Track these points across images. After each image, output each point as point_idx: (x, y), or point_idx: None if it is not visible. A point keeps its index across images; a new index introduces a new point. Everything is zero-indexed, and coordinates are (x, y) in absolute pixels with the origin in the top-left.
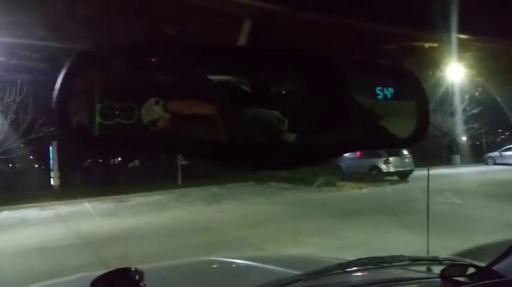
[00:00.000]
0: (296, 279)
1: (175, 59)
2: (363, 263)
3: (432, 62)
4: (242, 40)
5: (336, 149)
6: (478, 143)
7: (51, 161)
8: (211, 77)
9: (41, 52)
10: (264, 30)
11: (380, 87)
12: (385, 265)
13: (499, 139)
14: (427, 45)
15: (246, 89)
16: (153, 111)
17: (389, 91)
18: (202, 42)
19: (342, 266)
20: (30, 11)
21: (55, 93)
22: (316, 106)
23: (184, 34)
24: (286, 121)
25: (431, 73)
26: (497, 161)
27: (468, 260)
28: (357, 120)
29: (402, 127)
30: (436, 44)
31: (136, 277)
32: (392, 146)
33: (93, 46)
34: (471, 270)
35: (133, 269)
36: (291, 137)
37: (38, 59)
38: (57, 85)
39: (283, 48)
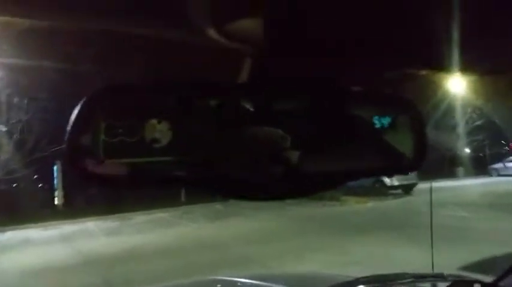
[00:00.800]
0: None
1: (179, 97)
2: (368, 281)
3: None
4: (244, 76)
5: (339, 177)
6: (481, 154)
7: (55, 181)
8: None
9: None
10: (264, 68)
11: (377, 116)
12: (390, 282)
13: (503, 151)
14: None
15: (248, 108)
16: (156, 129)
17: (386, 120)
18: (204, 81)
19: (347, 285)
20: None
21: (68, 138)
22: (318, 126)
23: (187, 71)
24: (289, 139)
25: (433, 86)
26: (502, 173)
27: (473, 276)
28: (358, 144)
29: (403, 152)
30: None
31: None
32: (394, 173)
33: (107, 86)
34: (477, 286)
35: None
36: (294, 155)
37: (45, 80)
38: (70, 127)
39: (284, 76)
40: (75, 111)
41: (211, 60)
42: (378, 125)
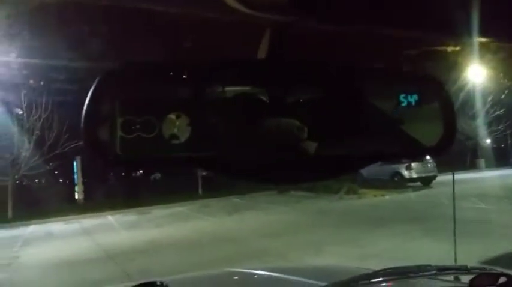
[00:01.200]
0: None
1: (197, 75)
2: (388, 273)
3: (454, 65)
4: (262, 53)
5: (358, 160)
6: (503, 145)
7: (75, 176)
8: (230, 90)
9: (64, 71)
10: (283, 42)
11: (404, 95)
12: (412, 275)
13: None
14: (449, 49)
15: (265, 99)
16: (175, 125)
17: (413, 98)
18: (221, 58)
19: (367, 277)
20: (55, 33)
21: (84, 113)
22: (335, 115)
23: (205, 48)
24: (306, 129)
25: (453, 76)
26: None
27: (498, 269)
28: (379, 129)
29: (429, 135)
30: (458, 48)
31: None
32: (419, 156)
33: (118, 65)
34: (502, 279)
35: (158, 282)
36: (311, 145)
37: (63, 79)
38: (86, 105)
39: (302, 58)
40: (90, 91)
41: (229, 35)
42: (404, 104)
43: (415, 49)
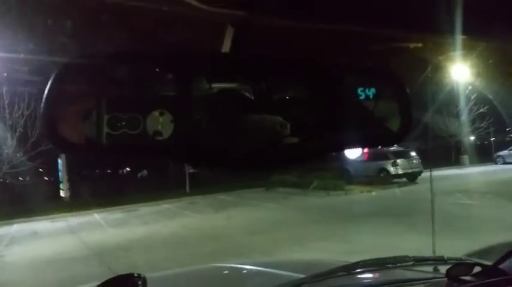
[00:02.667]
0: (300, 282)
1: (178, 81)
2: (367, 264)
3: (437, 63)
4: (226, 47)
5: (328, 149)
6: (486, 142)
7: (60, 173)
8: (214, 86)
9: (44, 66)
10: (246, 37)
11: (361, 88)
12: (390, 265)
13: (508, 138)
14: (431, 47)
15: (248, 96)
16: (158, 122)
17: (371, 91)
18: (183, 49)
19: (346, 268)
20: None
21: (44, 102)
22: (303, 109)
23: (168, 44)
24: (288, 126)
25: (435, 75)
26: (507, 160)
27: (474, 259)
28: (341, 120)
29: (385, 125)
30: (440, 46)
31: (139, 283)
32: (378, 145)
33: (80, 56)
34: (477, 269)
35: (136, 275)
36: (293, 140)
37: (42, 72)
38: (45, 94)
39: (264, 53)
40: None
41: (192, 33)
42: (362, 97)
43: (389, 45)
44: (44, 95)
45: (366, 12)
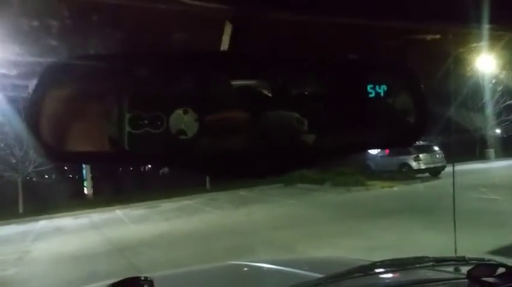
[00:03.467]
0: (316, 283)
1: (197, 79)
2: (385, 265)
3: (461, 55)
4: (224, 45)
5: (346, 150)
6: None
7: (84, 171)
8: (232, 83)
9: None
10: (246, 33)
11: (372, 85)
12: (409, 266)
13: None
14: (457, 39)
15: (266, 92)
16: (182, 121)
17: (382, 88)
18: (178, 49)
19: (364, 269)
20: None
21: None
22: (323, 104)
23: (163, 42)
24: (306, 122)
25: (459, 67)
26: None
27: (497, 260)
28: (351, 120)
29: (399, 125)
30: (466, 38)
31: (145, 286)
32: (390, 146)
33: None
34: (500, 270)
35: (143, 277)
36: (310, 137)
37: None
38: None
39: (265, 49)
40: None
41: (189, 29)
42: (372, 95)
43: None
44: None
45: (376, 5)
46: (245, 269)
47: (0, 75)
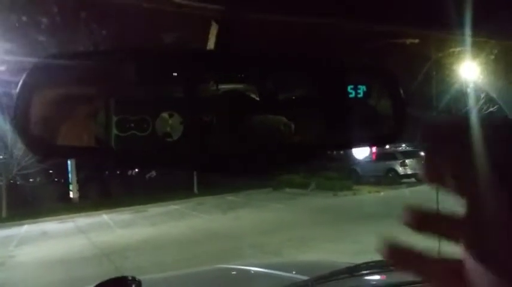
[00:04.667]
0: (302, 285)
1: (185, 82)
2: (370, 266)
3: (445, 62)
4: (210, 44)
5: (329, 148)
6: None
7: (69, 175)
8: (221, 87)
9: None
10: (231, 33)
11: (352, 86)
12: (394, 267)
13: None
14: (441, 45)
15: (253, 96)
16: (167, 124)
17: (361, 89)
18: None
19: (350, 270)
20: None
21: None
22: (308, 107)
23: (150, 41)
24: (293, 126)
25: (444, 74)
26: None
27: None
28: (339, 118)
29: (379, 124)
30: (452, 46)
31: (133, 286)
32: (371, 144)
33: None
34: None
35: (130, 277)
36: (296, 140)
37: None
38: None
39: (250, 49)
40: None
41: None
42: (352, 95)
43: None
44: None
45: (361, 7)
46: (233, 272)
47: None
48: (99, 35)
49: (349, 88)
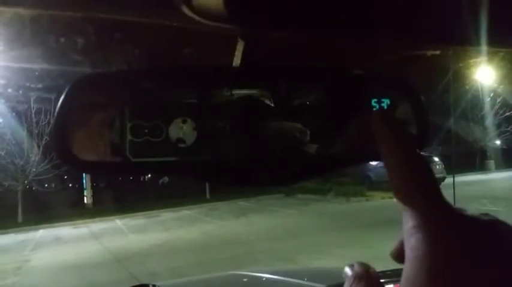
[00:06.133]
0: None
1: (199, 91)
2: (386, 275)
3: (460, 69)
4: (236, 61)
5: (347, 160)
6: None
7: (84, 181)
8: (235, 93)
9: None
10: (256, 50)
11: (376, 99)
12: None
13: None
14: (456, 53)
15: (268, 102)
16: (181, 129)
17: (385, 102)
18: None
19: None
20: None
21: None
22: (325, 115)
23: (175, 58)
24: (308, 133)
25: (458, 80)
26: None
27: None
28: (354, 132)
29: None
30: (465, 51)
31: None
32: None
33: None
34: None
35: (151, 285)
36: (312, 148)
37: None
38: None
39: (275, 64)
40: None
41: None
42: (376, 108)
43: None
44: (60, 110)
45: (381, 22)
46: (245, 279)
47: (1, 85)
48: (131, 54)
49: (373, 101)
